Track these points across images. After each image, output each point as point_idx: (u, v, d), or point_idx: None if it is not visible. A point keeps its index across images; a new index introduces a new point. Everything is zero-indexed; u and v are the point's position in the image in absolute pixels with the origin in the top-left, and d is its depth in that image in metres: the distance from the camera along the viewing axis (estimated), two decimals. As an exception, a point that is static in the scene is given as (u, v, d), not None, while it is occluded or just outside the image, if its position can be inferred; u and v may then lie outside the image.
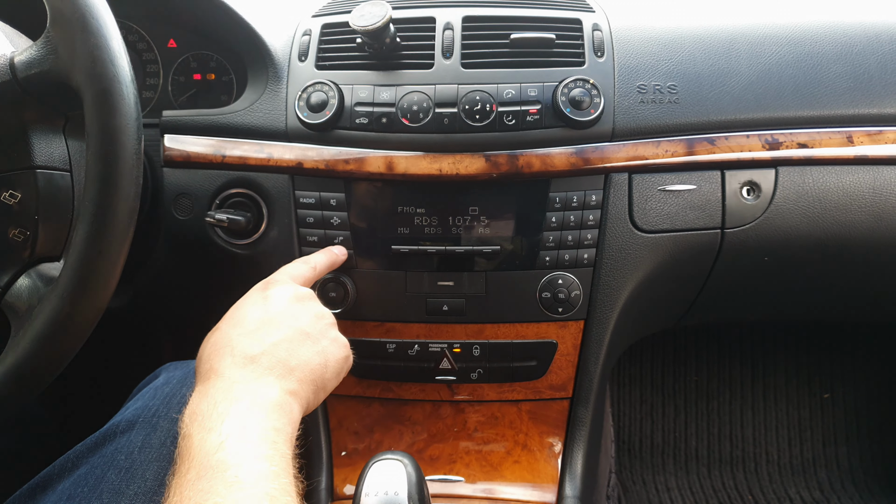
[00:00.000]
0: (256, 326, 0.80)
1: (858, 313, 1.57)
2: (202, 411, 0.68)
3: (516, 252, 1.08)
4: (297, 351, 0.79)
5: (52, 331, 0.69)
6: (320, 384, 0.81)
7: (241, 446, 0.64)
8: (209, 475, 0.60)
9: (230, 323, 0.81)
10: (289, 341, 0.79)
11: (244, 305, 0.85)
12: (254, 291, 0.88)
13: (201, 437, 0.64)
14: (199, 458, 0.62)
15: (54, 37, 0.71)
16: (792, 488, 1.75)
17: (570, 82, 1.03)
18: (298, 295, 0.87)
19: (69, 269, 0.69)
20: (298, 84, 1.07)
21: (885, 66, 1.10)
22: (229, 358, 0.75)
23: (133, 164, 0.69)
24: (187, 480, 0.60)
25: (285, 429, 0.70)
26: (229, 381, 0.72)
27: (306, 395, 0.78)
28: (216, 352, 0.76)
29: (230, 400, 0.69)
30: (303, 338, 0.81)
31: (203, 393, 0.71)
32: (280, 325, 0.81)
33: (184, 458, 0.64)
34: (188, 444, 0.65)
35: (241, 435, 0.65)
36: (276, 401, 0.72)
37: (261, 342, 0.77)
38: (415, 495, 0.76)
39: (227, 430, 0.65)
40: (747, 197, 1.09)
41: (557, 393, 1.17)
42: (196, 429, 0.66)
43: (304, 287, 0.90)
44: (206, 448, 0.63)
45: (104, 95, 0.68)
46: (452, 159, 1.04)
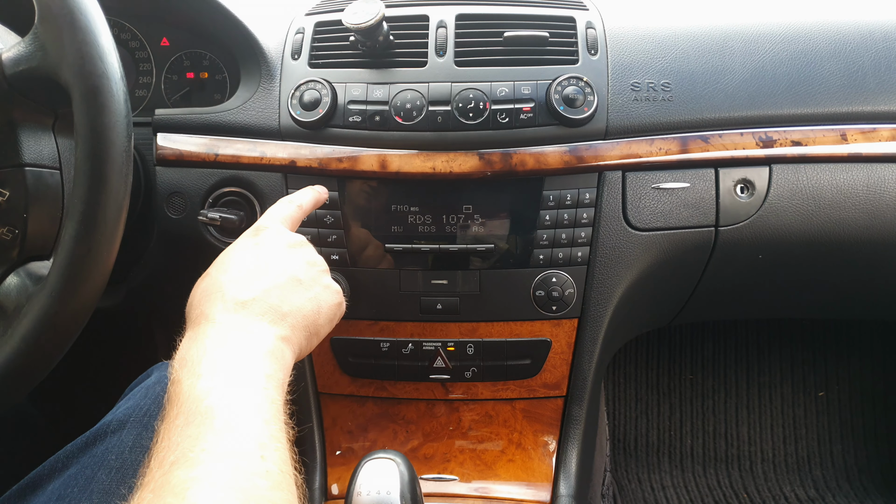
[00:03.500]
0: (248, 272, 0.78)
1: (853, 311, 1.57)
2: (192, 357, 0.67)
3: (510, 250, 1.08)
4: (290, 297, 0.78)
5: (41, 330, 0.68)
6: (313, 330, 0.81)
7: (230, 392, 0.63)
8: (197, 422, 0.60)
9: (220, 269, 0.80)
10: (281, 288, 0.78)
11: (235, 251, 0.83)
12: (244, 237, 0.86)
13: (190, 382, 0.64)
14: (187, 405, 0.62)
15: (42, 33, 0.70)
16: (787, 486, 1.75)
17: (564, 80, 1.03)
18: (290, 241, 0.86)
19: (58, 267, 0.68)
20: (291, 82, 1.07)
21: (879, 64, 1.10)
22: (220, 303, 0.74)
23: (122, 161, 0.69)
24: (176, 426, 0.60)
25: (276, 374, 0.69)
26: (220, 326, 0.71)
27: (298, 341, 0.77)
28: (206, 297, 0.75)
29: (220, 345, 0.69)
30: (295, 284, 0.80)
31: (193, 338, 0.70)
32: (272, 271, 0.80)
33: (173, 404, 0.63)
34: (177, 389, 0.64)
35: (231, 381, 0.64)
36: (268, 346, 0.71)
37: (252, 288, 0.76)
38: (407, 494, 0.76)
39: (216, 376, 0.64)
40: (741, 195, 1.09)
41: (552, 391, 1.16)
42: (185, 374, 0.65)
43: (295, 232, 0.89)
44: (195, 394, 0.62)
45: (93, 92, 0.68)
46: (446, 157, 1.04)
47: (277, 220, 0.90)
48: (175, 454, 0.57)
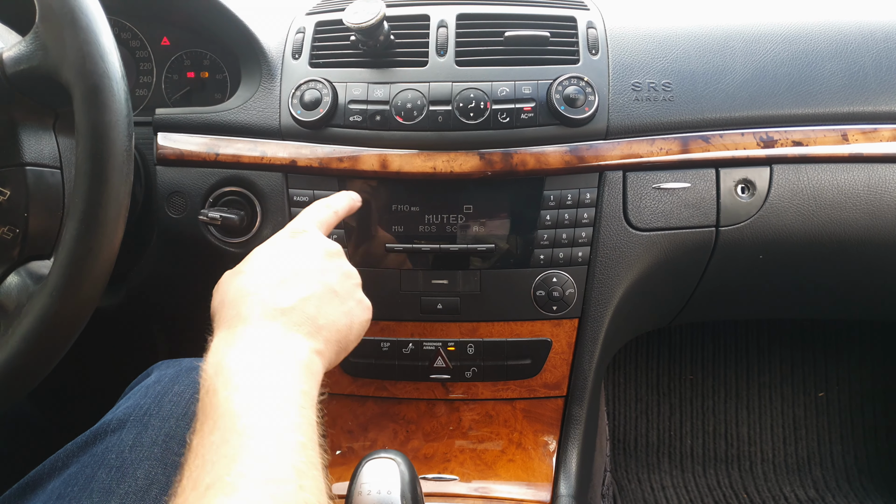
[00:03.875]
0: (286, 277, 0.76)
1: (853, 311, 1.57)
2: (228, 365, 0.65)
3: (511, 250, 1.08)
4: (326, 309, 0.76)
5: (42, 329, 0.68)
6: (343, 345, 0.79)
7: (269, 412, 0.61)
8: (234, 441, 0.57)
9: (257, 270, 0.77)
10: (318, 298, 0.76)
11: (272, 252, 0.81)
12: (281, 238, 0.84)
13: (227, 395, 0.61)
14: (223, 420, 0.59)
15: (43, 32, 0.70)
16: (787, 487, 1.75)
17: (565, 80, 1.03)
18: (328, 250, 0.83)
19: (59, 267, 0.68)
20: (292, 82, 1.07)
21: (880, 64, 1.10)
22: (258, 307, 0.71)
23: (123, 160, 0.69)
24: (211, 443, 0.58)
25: (311, 392, 0.67)
26: (257, 332, 0.69)
27: (329, 355, 0.75)
28: (243, 298, 0.73)
29: (258, 355, 0.66)
30: (331, 296, 0.78)
31: (229, 342, 0.68)
32: (310, 279, 0.77)
33: (208, 416, 0.61)
34: (212, 401, 0.61)
35: (270, 398, 0.62)
36: (305, 361, 0.69)
37: (291, 295, 0.74)
38: (407, 494, 0.75)
39: (255, 390, 0.62)
40: (742, 195, 1.09)
41: (552, 391, 1.16)
42: (221, 384, 0.63)
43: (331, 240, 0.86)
44: (232, 409, 0.60)
45: (94, 92, 0.67)
46: (447, 157, 1.03)
47: (314, 224, 0.88)
48: (211, 476, 0.55)
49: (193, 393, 0.82)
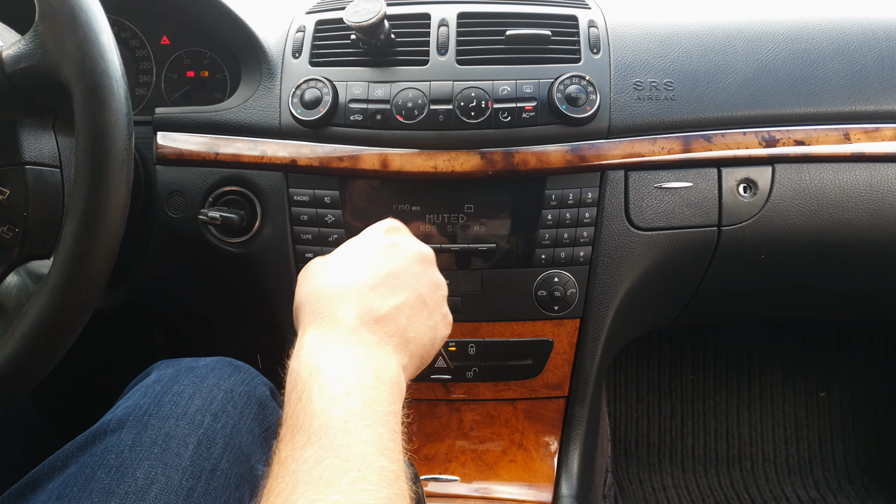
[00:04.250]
0: (382, 280, 0.73)
1: (855, 311, 1.56)
2: (324, 370, 0.62)
3: (512, 250, 1.08)
4: (416, 320, 0.74)
5: (41, 329, 0.68)
6: (423, 361, 0.76)
7: (366, 433, 0.58)
8: (329, 461, 0.55)
9: (354, 265, 0.75)
10: (410, 308, 0.73)
11: (367, 248, 0.78)
12: (376, 232, 0.81)
13: (323, 407, 0.59)
14: (319, 436, 0.57)
15: (43, 31, 0.70)
16: (788, 487, 1.75)
17: (566, 79, 1.03)
18: (424, 255, 0.80)
19: (58, 266, 0.68)
20: (292, 81, 1.06)
21: (883, 63, 1.09)
22: (355, 309, 0.69)
23: (123, 159, 0.68)
24: (304, 458, 0.55)
25: (399, 411, 0.65)
26: (354, 339, 0.67)
27: (411, 371, 0.73)
28: (340, 296, 0.70)
29: (355, 365, 0.64)
30: (422, 306, 0.75)
31: (324, 343, 0.66)
32: (404, 285, 0.74)
33: (299, 426, 0.58)
34: (306, 410, 0.59)
35: (367, 417, 0.59)
36: (395, 378, 0.67)
37: (388, 301, 0.71)
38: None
39: (352, 406, 0.59)
40: (744, 194, 1.08)
41: (553, 392, 1.16)
42: (318, 393, 0.60)
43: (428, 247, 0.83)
44: (329, 425, 0.57)
45: (94, 90, 0.67)
46: (447, 156, 1.03)
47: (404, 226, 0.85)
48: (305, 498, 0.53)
49: (193, 393, 0.82)
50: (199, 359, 0.91)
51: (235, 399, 0.83)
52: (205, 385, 0.83)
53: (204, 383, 0.84)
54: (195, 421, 0.78)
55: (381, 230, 0.82)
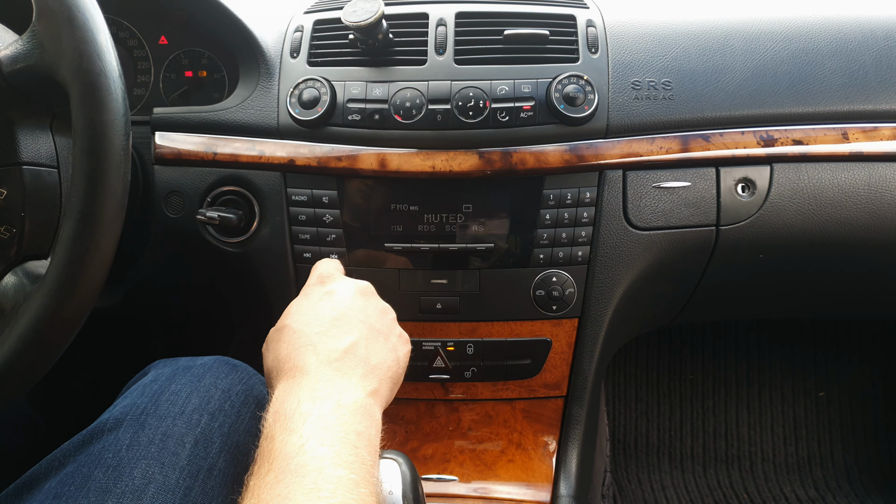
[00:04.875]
0: (331, 325, 0.79)
1: (854, 311, 1.56)
2: (285, 411, 0.67)
3: (510, 250, 1.08)
4: (374, 349, 0.79)
5: (39, 329, 0.68)
6: (395, 381, 0.81)
7: (321, 451, 0.63)
8: (287, 479, 0.60)
9: (302, 321, 0.80)
10: (366, 339, 0.79)
11: (309, 303, 0.83)
12: (313, 288, 0.87)
13: (283, 438, 0.64)
14: (278, 461, 0.62)
15: (40, 31, 0.70)
16: (787, 487, 1.75)
17: (564, 79, 1.03)
18: (362, 289, 0.86)
19: (56, 266, 0.68)
20: (290, 80, 1.06)
21: (881, 63, 1.09)
22: (313, 356, 0.74)
23: (121, 159, 0.68)
24: (266, 482, 0.60)
25: (368, 432, 0.69)
26: (315, 378, 0.72)
27: (385, 394, 0.77)
28: (297, 350, 0.76)
29: (314, 399, 0.69)
30: (376, 335, 0.81)
31: (288, 391, 0.71)
32: (353, 322, 0.80)
33: (264, 459, 0.63)
34: (270, 445, 0.64)
35: (323, 438, 0.64)
36: (360, 402, 0.71)
37: (342, 340, 0.77)
38: (409, 494, 0.75)
39: (308, 431, 0.64)
40: (742, 194, 1.08)
41: (552, 391, 1.16)
42: (279, 430, 0.65)
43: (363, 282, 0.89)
44: (286, 451, 0.62)
45: (91, 90, 0.67)
46: (446, 156, 1.03)
47: (333, 268, 0.91)
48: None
49: (191, 392, 0.82)
50: (197, 358, 0.91)
51: (233, 398, 0.83)
52: (202, 384, 0.84)
53: (201, 382, 0.84)
54: (192, 420, 0.78)
55: (315, 281, 0.88)
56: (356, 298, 0.84)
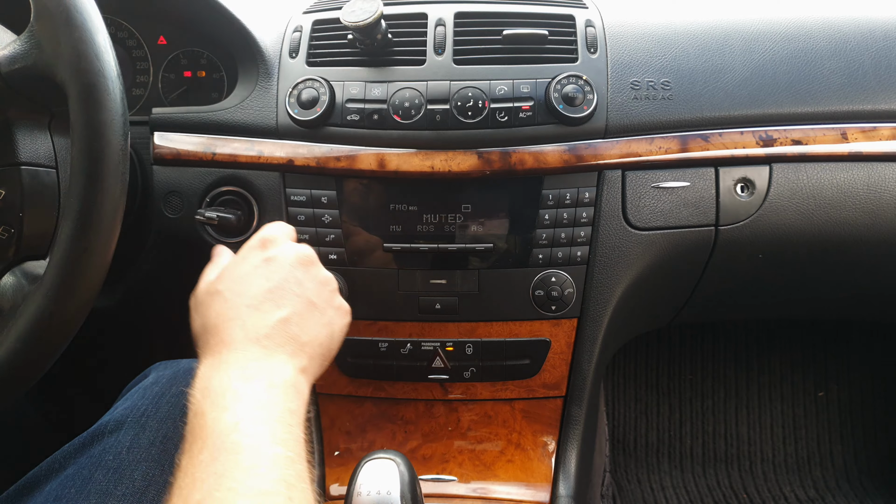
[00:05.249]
0: (264, 297, 0.77)
1: (853, 311, 1.56)
2: (215, 388, 0.67)
3: (509, 250, 1.08)
4: (307, 325, 0.78)
5: (37, 330, 0.68)
6: (327, 356, 0.81)
7: (256, 429, 0.62)
8: (223, 458, 0.59)
9: (235, 290, 0.79)
10: (299, 315, 0.78)
11: (246, 269, 0.82)
12: (253, 252, 0.85)
13: (215, 416, 0.63)
14: (213, 439, 0.61)
15: (38, 31, 0.70)
16: (787, 486, 1.75)
17: (563, 79, 1.02)
18: (303, 259, 0.84)
19: (54, 267, 0.68)
20: (289, 81, 1.06)
21: (880, 63, 1.09)
22: (240, 331, 0.73)
23: (119, 159, 0.68)
24: (200, 461, 0.59)
25: (299, 410, 0.69)
26: (242, 357, 0.71)
27: (315, 370, 0.77)
28: (225, 323, 0.75)
29: (245, 378, 0.68)
30: (311, 309, 0.80)
31: (215, 367, 0.70)
32: (288, 295, 0.79)
33: (196, 437, 0.62)
34: (201, 422, 0.63)
35: (257, 417, 0.64)
36: (290, 380, 0.71)
37: (270, 317, 0.75)
38: (407, 494, 0.75)
39: (242, 410, 0.64)
40: (741, 194, 1.08)
41: (551, 391, 1.16)
42: (209, 407, 0.64)
43: (304, 245, 0.88)
44: (220, 428, 0.61)
45: (89, 90, 0.67)
46: (445, 156, 1.03)
47: (282, 232, 0.89)
48: (201, 492, 0.56)
49: None
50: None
51: None
52: (202, 386, 0.83)
53: (201, 384, 0.84)
54: (192, 422, 0.78)
55: (256, 246, 0.85)
56: (295, 269, 0.82)
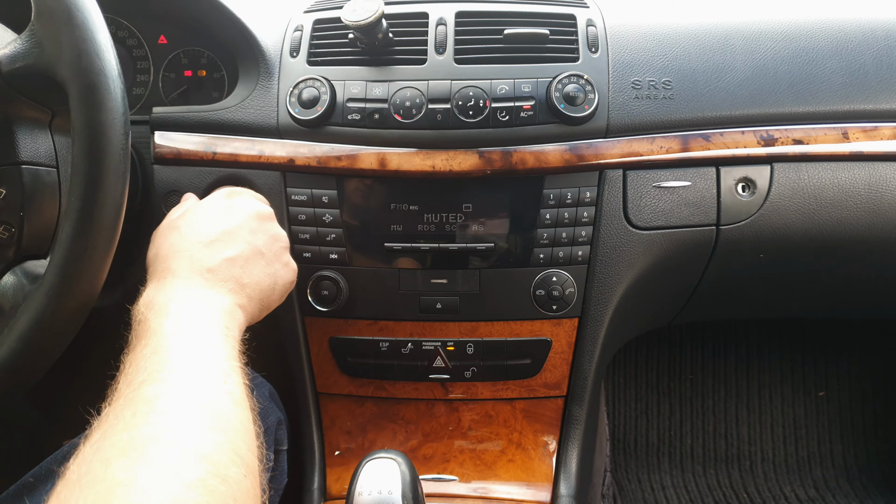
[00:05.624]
0: (216, 237, 0.83)
1: (854, 310, 1.56)
2: (159, 302, 0.72)
3: (510, 249, 1.08)
4: (251, 269, 0.83)
5: (38, 330, 0.68)
6: (266, 304, 0.86)
7: (195, 333, 0.68)
8: (164, 351, 0.64)
9: (191, 228, 0.84)
10: (244, 259, 0.83)
11: (206, 211, 0.88)
12: (218, 198, 0.92)
13: (157, 321, 0.69)
14: (155, 338, 0.66)
15: (39, 30, 0.70)
16: (787, 486, 1.75)
17: (564, 78, 1.02)
18: (261, 213, 0.90)
19: (55, 266, 0.68)
20: (290, 80, 1.06)
21: (881, 62, 1.09)
22: (187, 263, 0.79)
23: (120, 159, 0.68)
24: (143, 355, 0.64)
25: (233, 332, 0.74)
26: (185, 284, 0.76)
27: (252, 310, 0.82)
28: (175, 254, 0.80)
29: (185, 298, 0.74)
30: (257, 257, 0.85)
31: (159, 288, 0.75)
32: (238, 239, 0.84)
33: (140, 338, 0.68)
34: (144, 327, 0.69)
35: (196, 326, 0.70)
36: (227, 309, 0.77)
37: (218, 254, 0.81)
38: (409, 494, 0.75)
39: (182, 319, 0.70)
40: (742, 193, 1.08)
41: (552, 391, 1.16)
42: (152, 315, 0.70)
43: (266, 205, 0.94)
44: (162, 330, 0.67)
45: (90, 90, 0.67)
46: (446, 156, 1.03)
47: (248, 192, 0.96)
48: (143, 375, 0.61)
49: None
50: None
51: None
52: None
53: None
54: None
55: (223, 194, 0.94)
56: (251, 219, 0.88)
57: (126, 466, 0.52)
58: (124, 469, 0.51)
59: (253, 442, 0.63)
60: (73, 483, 0.51)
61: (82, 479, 0.51)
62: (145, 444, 0.54)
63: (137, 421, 0.56)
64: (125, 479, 0.50)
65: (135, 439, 0.54)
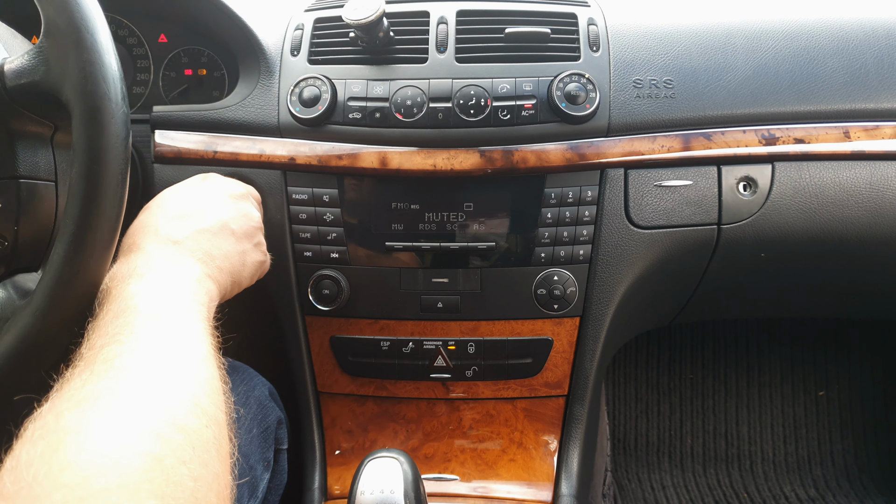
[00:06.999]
0: (184, 213, 0.83)
1: (855, 309, 1.56)
2: (122, 273, 0.71)
3: (511, 248, 1.07)
4: (220, 243, 0.83)
5: (22, 348, 0.67)
6: (236, 279, 0.85)
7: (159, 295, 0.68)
8: (126, 314, 0.64)
9: (159, 205, 0.84)
10: (213, 233, 0.83)
11: (178, 190, 0.88)
12: (193, 180, 0.93)
13: (120, 289, 0.68)
14: (117, 303, 0.66)
15: (47, 48, 0.69)
16: (787, 486, 1.75)
17: (566, 77, 1.02)
18: (234, 191, 0.91)
19: (44, 286, 0.67)
20: (291, 79, 1.06)
21: (882, 61, 1.09)
22: (153, 236, 0.78)
23: (118, 184, 0.68)
24: (105, 321, 0.64)
25: (200, 298, 0.74)
26: (151, 255, 0.75)
27: (223, 282, 0.81)
28: (140, 230, 0.80)
29: (150, 265, 0.73)
30: (227, 233, 0.85)
31: (124, 262, 0.74)
32: (208, 216, 0.84)
33: (102, 307, 0.67)
34: (107, 295, 0.68)
35: (161, 288, 0.70)
36: (196, 276, 0.76)
37: (185, 228, 0.81)
38: (411, 493, 0.75)
39: (147, 284, 0.69)
40: (744, 192, 1.08)
41: (553, 390, 1.16)
42: (115, 284, 0.69)
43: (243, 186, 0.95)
44: (123, 295, 0.67)
45: (93, 113, 0.66)
46: (447, 155, 1.03)
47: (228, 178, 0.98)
48: (105, 339, 0.61)
49: None
50: None
51: (234, 399, 0.83)
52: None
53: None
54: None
55: (198, 177, 0.96)
56: (224, 199, 0.88)
57: (77, 417, 0.52)
58: (76, 419, 0.52)
59: (218, 396, 0.62)
60: (26, 438, 0.51)
61: (35, 433, 0.51)
62: (99, 396, 0.54)
63: (94, 378, 0.57)
64: (76, 427, 0.51)
65: (90, 393, 0.55)
